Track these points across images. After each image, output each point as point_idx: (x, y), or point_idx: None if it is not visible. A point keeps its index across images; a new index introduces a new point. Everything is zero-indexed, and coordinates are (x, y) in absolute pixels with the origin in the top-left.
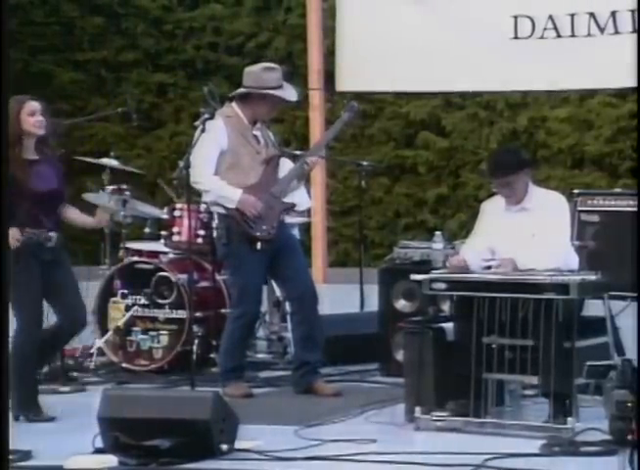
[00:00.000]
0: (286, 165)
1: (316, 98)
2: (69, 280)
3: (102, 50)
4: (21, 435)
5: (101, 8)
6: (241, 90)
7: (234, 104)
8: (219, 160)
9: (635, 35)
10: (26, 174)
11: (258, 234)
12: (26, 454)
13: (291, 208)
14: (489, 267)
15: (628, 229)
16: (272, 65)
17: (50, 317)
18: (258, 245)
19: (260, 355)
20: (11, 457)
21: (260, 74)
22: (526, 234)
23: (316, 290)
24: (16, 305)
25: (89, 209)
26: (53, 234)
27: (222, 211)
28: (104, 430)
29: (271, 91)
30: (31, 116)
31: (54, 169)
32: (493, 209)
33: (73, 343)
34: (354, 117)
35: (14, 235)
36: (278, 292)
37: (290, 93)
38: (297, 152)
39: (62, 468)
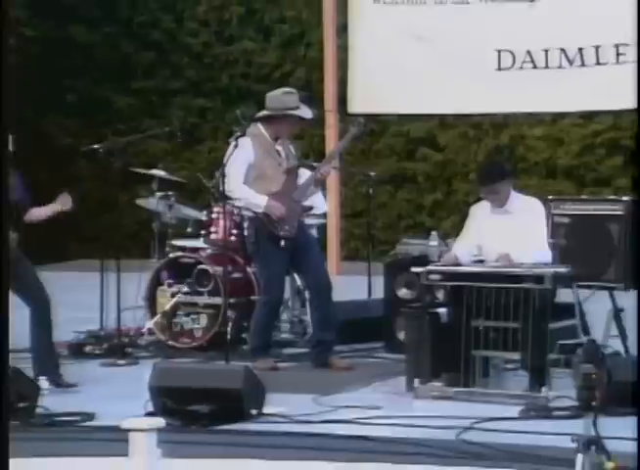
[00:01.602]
0: (306, 175)
1: (331, 119)
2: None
3: (152, 79)
4: (85, 400)
5: (152, 45)
6: (265, 112)
7: (259, 124)
8: (248, 172)
9: (597, 67)
10: None
11: (282, 233)
12: (90, 416)
13: (309, 210)
14: (481, 261)
15: (593, 229)
16: (290, 89)
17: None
18: (282, 243)
19: (284, 335)
20: (76, 418)
21: (281, 98)
22: (509, 233)
23: (331, 280)
24: None
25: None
26: (14, 235)
27: (251, 214)
28: (154, 397)
29: (290, 112)
30: None
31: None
32: (480, 212)
33: (129, 324)
34: (361, 131)
35: None
36: (299, 282)
37: (306, 112)
38: (315, 164)
39: (119, 427)
